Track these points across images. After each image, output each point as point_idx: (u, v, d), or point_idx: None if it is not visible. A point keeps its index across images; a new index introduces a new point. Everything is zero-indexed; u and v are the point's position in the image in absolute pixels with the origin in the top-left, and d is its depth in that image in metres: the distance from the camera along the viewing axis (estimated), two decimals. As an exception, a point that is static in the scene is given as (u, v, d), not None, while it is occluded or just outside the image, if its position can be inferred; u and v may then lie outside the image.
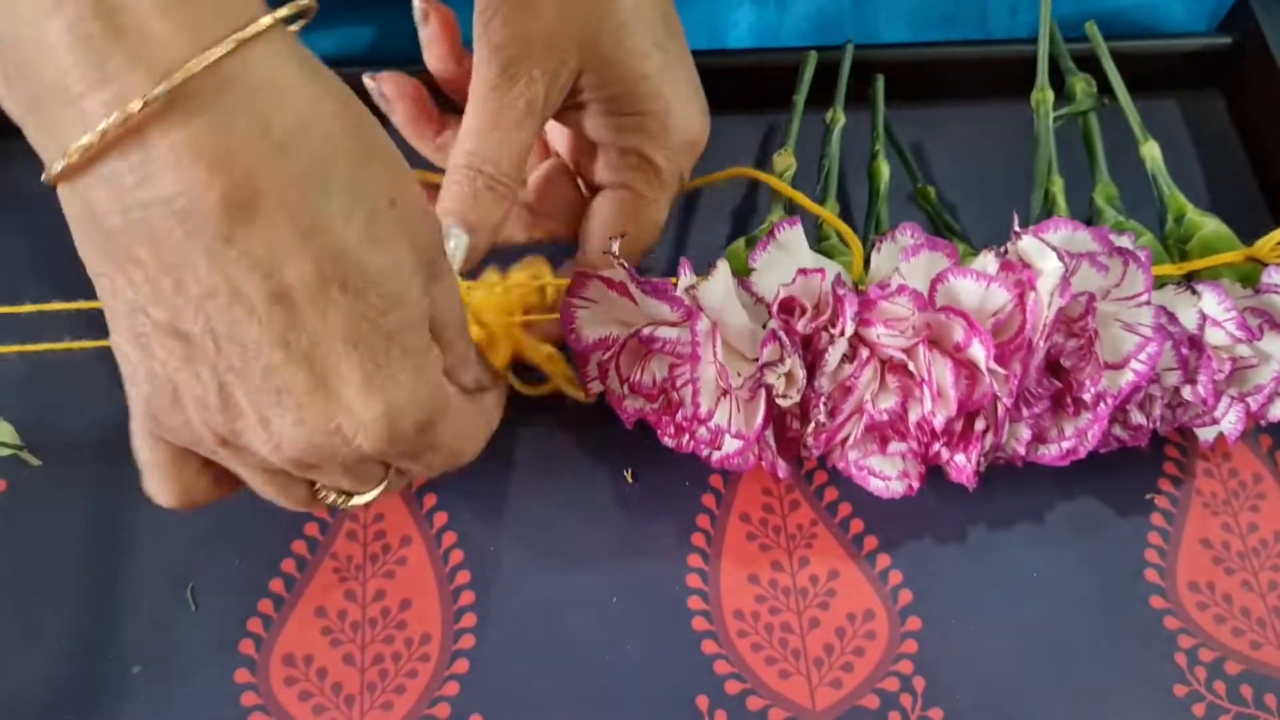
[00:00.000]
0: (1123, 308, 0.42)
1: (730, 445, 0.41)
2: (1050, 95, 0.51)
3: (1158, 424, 0.45)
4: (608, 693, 0.43)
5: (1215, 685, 0.44)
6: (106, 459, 0.46)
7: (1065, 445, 0.44)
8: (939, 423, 0.41)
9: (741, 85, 0.55)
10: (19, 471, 0.46)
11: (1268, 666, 0.44)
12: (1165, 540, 0.47)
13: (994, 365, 0.40)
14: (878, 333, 0.41)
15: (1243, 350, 0.44)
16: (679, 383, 0.41)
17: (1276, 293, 0.45)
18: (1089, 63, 0.53)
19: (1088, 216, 0.50)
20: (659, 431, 0.44)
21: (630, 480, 0.47)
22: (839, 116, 0.51)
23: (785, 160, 0.49)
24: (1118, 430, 0.45)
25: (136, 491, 0.37)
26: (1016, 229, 0.41)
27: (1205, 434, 0.47)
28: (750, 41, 0.60)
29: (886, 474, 0.44)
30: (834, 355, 0.41)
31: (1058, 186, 0.49)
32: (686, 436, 0.43)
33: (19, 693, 0.41)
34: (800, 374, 0.41)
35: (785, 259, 0.42)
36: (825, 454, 0.45)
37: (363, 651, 0.43)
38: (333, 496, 0.37)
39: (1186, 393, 0.44)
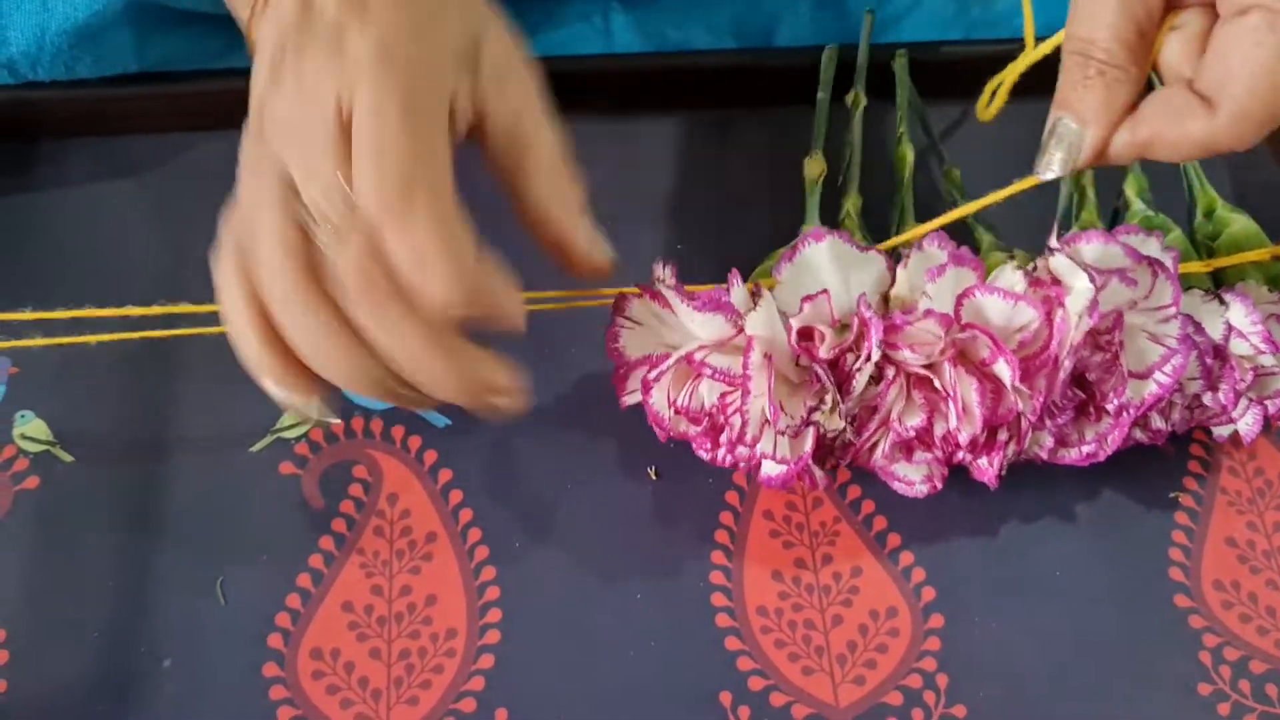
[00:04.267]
0: (1150, 320, 0.42)
1: (772, 469, 0.42)
2: None
3: (1176, 427, 0.45)
4: (632, 689, 0.43)
5: (1240, 684, 0.44)
6: (137, 456, 0.47)
7: (1086, 450, 0.44)
8: (964, 438, 0.41)
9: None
10: (52, 468, 0.46)
11: (1293, 665, 0.44)
12: (1190, 539, 0.47)
13: (1019, 385, 0.40)
14: (904, 355, 0.41)
15: (1266, 360, 0.44)
16: (729, 411, 0.41)
17: None
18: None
19: (1115, 208, 0.50)
20: (695, 446, 0.44)
21: (654, 477, 0.47)
22: (860, 99, 0.51)
23: (817, 165, 0.49)
24: (1137, 433, 0.45)
25: (167, 487, 0.37)
26: (1052, 244, 0.41)
27: (1220, 431, 0.47)
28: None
29: (911, 479, 0.44)
30: (861, 380, 0.41)
31: (1087, 178, 0.49)
32: (724, 451, 0.43)
33: (53, 686, 0.42)
34: (839, 405, 0.41)
35: (807, 278, 0.42)
36: (853, 460, 0.45)
37: (389, 646, 0.43)
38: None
39: (1207, 399, 0.44)
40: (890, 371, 0.41)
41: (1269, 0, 0.37)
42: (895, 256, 0.44)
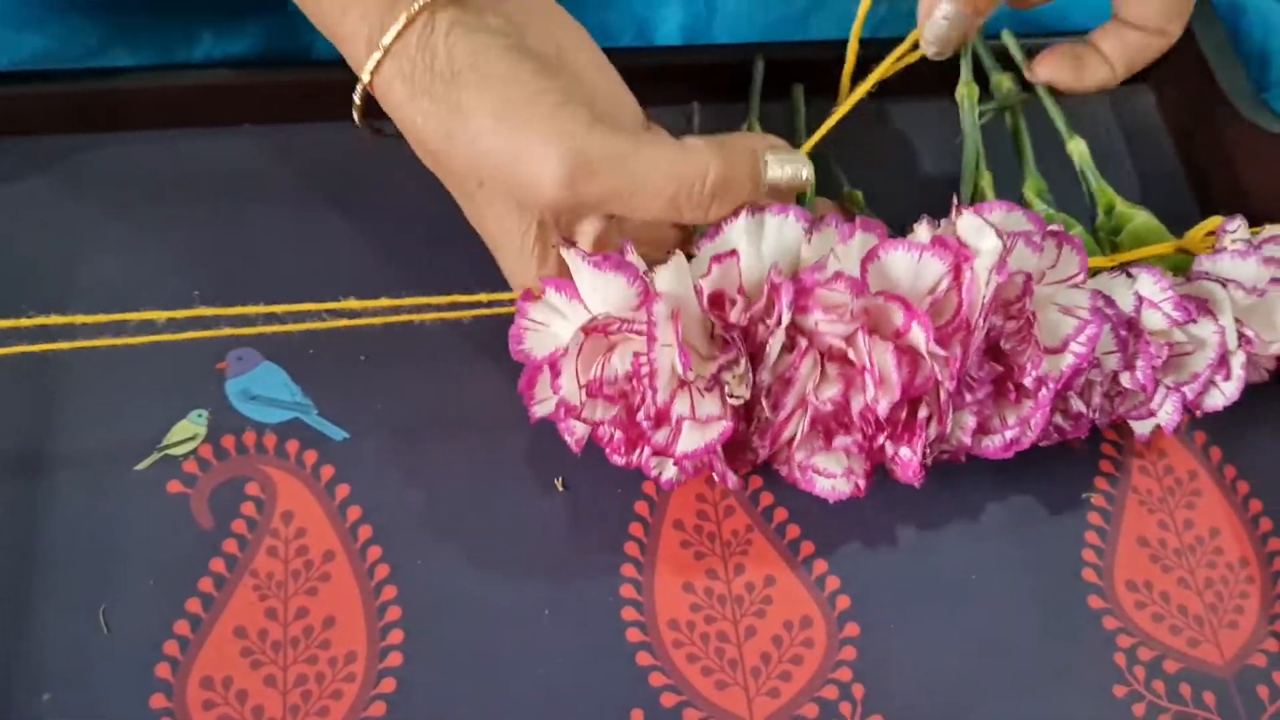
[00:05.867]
0: (1059, 290, 0.42)
1: (690, 442, 0.40)
2: (975, 89, 0.50)
3: (1097, 414, 0.44)
4: (541, 709, 0.41)
5: (1154, 684, 0.44)
6: (12, 475, 0.44)
7: (1009, 435, 0.43)
8: (883, 408, 0.40)
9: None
10: (-80, 492, 0.44)
11: (1206, 664, 0.44)
12: (1103, 539, 0.47)
13: (934, 347, 0.39)
14: (815, 319, 0.40)
15: (1179, 335, 0.44)
16: (642, 373, 0.39)
17: (1208, 280, 0.45)
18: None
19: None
20: (608, 450, 0.42)
21: (561, 489, 0.46)
22: (754, 125, 0.51)
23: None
24: (1059, 420, 0.44)
25: (45, 509, 0.35)
26: (957, 203, 0.40)
27: (1142, 428, 0.47)
28: (680, 39, 0.59)
29: (832, 471, 0.43)
30: (774, 346, 0.40)
31: (986, 181, 0.49)
32: (639, 451, 0.41)
33: (-81, 725, 0.39)
34: (749, 373, 0.40)
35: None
36: (771, 456, 0.44)
37: (285, 672, 0.41)
38: None
39: (1125, 380, 0.44)
40: (803, 342, 0.40)
41: None
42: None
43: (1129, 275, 0.43)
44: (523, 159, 0.38)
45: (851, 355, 0.40)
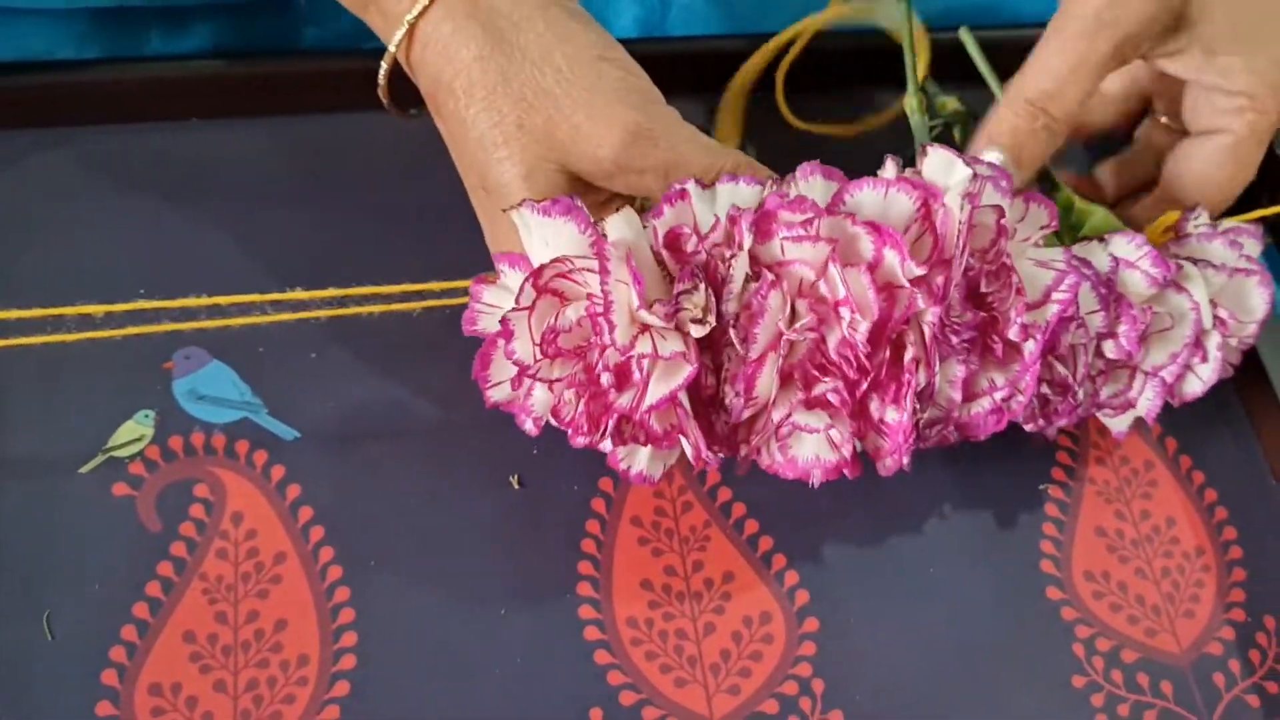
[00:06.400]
0: (1029, 247, 0.41)
1: (659, 388, 0.38)
2: (923, 98, 0.49)
3: (1081, 388, 0.43)
4: (498, 710, 0.41)
5: (1113, 674, 0.44)
6: (-48, 481, 0.43)
7: (999, 395, 0.41)
8: (862, 333, 0.38)
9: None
10: None
11: (1163, 653, 0.44)
12: (1060, 531, 0.47)
13: (911, 266, 0.37)
14: (780, 244, 0.38)
15: (1159, 306, 0.43)
16: (597, 317, 0.37)
17: (1178, 259, 0.45)
18: (964, 56, 0.52)
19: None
20: (570, 431, 0.40)
21: (517, 487, 0.45)
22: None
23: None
24: (1046, 391, 0.43)
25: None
26: (922, 146, 0.39)
27: (1119, 424, 0.46)
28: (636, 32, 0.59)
29: (814, 426, 0.40)
30: (737, 270, 0.38)
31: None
32: (603, 429, 0.39)
33: None
34: (711, 300, 0.38)
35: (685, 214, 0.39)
36: (748, 435, 0.41)
37: (235, 677, 0.41)
38: None
39: (1110, 349, 0.43)
40: (770, 275, 0.38)
41: (1236, 126, 0.45)
42: None
43: (1102, 240, 0.43)
44: (589, 114, 0.39)
45: (823, 288, 0.38)
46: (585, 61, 0.39)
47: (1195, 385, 0.46)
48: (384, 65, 0.43)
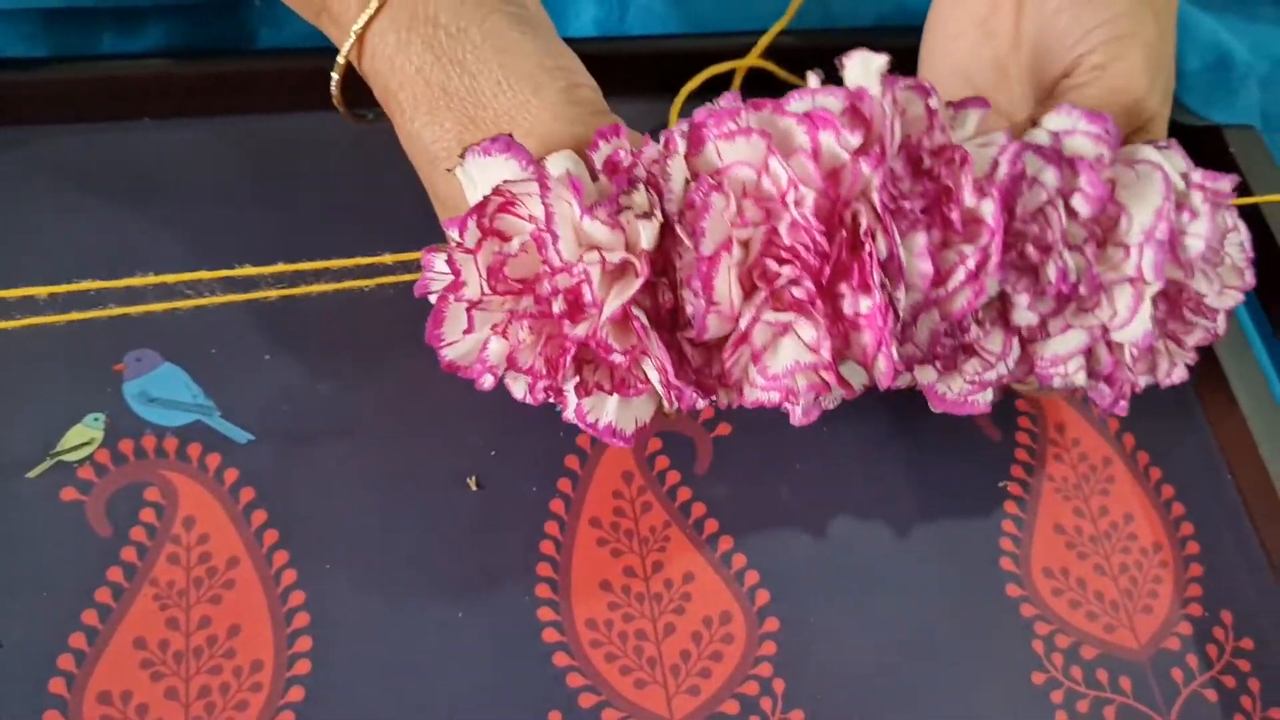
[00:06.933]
0: (964, 143, 0.40)
1: (614, 301, 0.36)
2: None
3: (1070, 252, 0.40)
4: (456, 713, 0.40)
5: (1072, 670, 0.44)
6: (-106, 487, 0.42)
7: (971, 264, 0.39)
8: (809, 208, 0.36)
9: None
10: None
11: (1122, 649, 0.45)
12: (1019, 528, 0.47)
13: (848, 136, 0.36)
14: (714, 146, 0.37)
15: (1119, 173, 0.41)
16: (538, 232, 0.36)
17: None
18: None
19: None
20: (530, 386, 0.38)
21: (474, 488, 0.44)
22: None
23: None
24: (1030, 253, 0.40)
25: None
26: (839, 59, 0.38)
27: (1131, 332, 0.42)
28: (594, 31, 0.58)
29: (784, 322, 0.38)
30: (675, 171, 0.37)
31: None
32: (562, 371, 0.37)
33: None
34: (654, 197, 0.37)
35: None
36: (722, 361, 0.39)
37: (187, 684, 0.40)
38: None
39: (1080, 204, 0.40)
40: (712, 179, 0.37)
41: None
42: None
43: (1034, 123, 0.41)
44: (527, 129, 0.38)
45: (766, 184, 0.37)
46: (523, 74, 0.39)
47: (1197, 244, 0.42)
48: (335, 75, 0.42)
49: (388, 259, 0.41)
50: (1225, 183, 0.43)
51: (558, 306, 0.36)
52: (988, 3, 0.44)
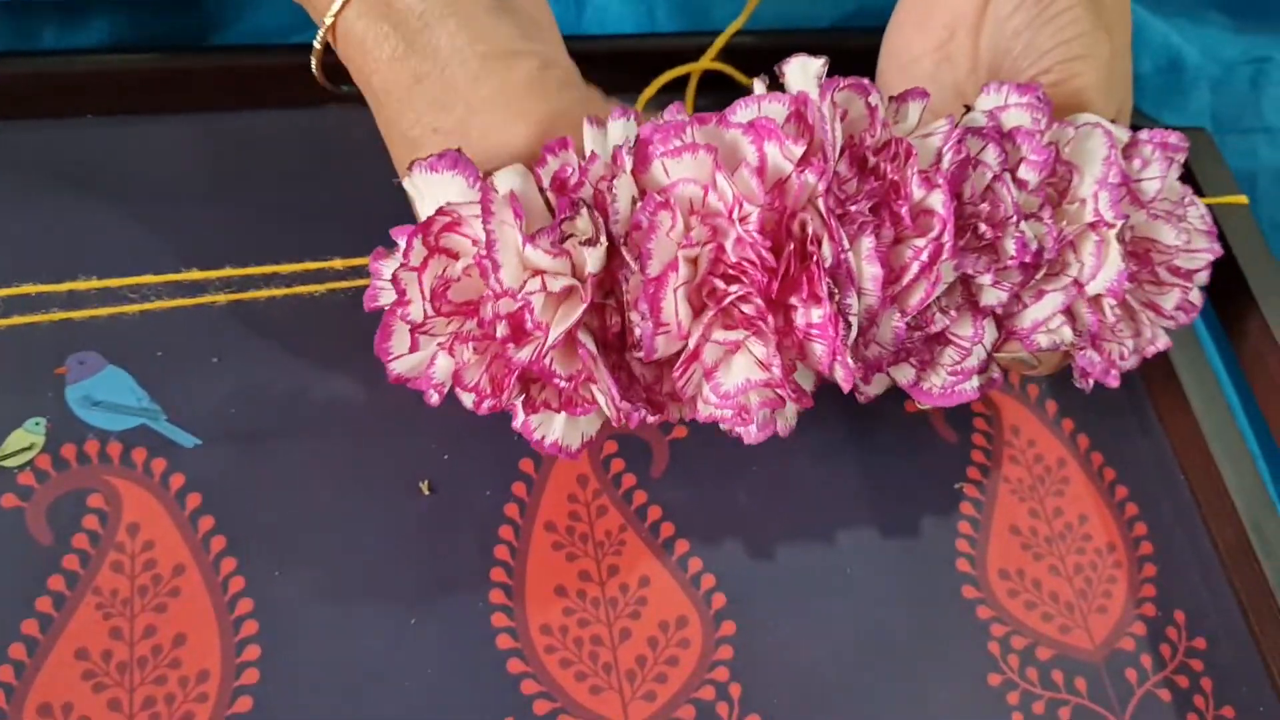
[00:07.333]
0: (907, 136, 0.40)
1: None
2: None
3: (1025, 222, 0.40)
4: (408, 722, 0.40)
5: (1028, 672, 0.44)
6: None
7: (925, 256, 0.39)
8: (753, 225, 0.36)
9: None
10: None
11: (1077, 650, 0.45)
12: (975, 529, 0.47)
13: (790, 145, 0.36)
14: (661, 163, 0.37)
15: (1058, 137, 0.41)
16: (481, 256, 0.36)
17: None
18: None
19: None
20: (476, 400, 0.38)
21: (427, 492, 0.44)
22: None
23: None
24: (985, 232, 0.40)
25: None
26: (778, 65, 0.38)
27: (1111, 262, 0.42)
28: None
29: (733, 341, 0.38)
30: (621, 192, 0.37)
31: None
32: (508, 391, 0.37)
33: None
34: (598, 220, 0.37)
35: None
36: (673, 380, 0.39)
37: (131, 695, 0.39)
38: None
39: (1026, 174, 0.40)
40: (659, 197, 0.37)
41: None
42: None
43: (966, 108, 0.41)
44: (500, 111, 0.38)
45: (713, 199, 0.37)
46: (496, 57, 0.39)
47: (1153, 184, 0.43)
48: (313, 59, 0.42)
49: (338, 264, 0.40)
50: (1174, 136, 0.43)
51: (501, 331, 0.36)
52: (946, 28, 0.44)
